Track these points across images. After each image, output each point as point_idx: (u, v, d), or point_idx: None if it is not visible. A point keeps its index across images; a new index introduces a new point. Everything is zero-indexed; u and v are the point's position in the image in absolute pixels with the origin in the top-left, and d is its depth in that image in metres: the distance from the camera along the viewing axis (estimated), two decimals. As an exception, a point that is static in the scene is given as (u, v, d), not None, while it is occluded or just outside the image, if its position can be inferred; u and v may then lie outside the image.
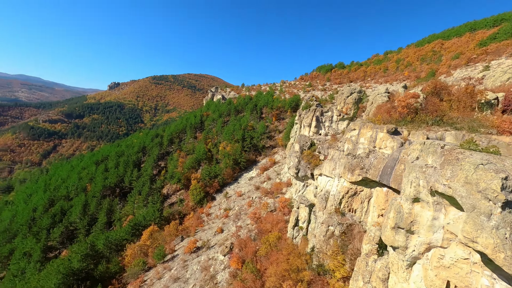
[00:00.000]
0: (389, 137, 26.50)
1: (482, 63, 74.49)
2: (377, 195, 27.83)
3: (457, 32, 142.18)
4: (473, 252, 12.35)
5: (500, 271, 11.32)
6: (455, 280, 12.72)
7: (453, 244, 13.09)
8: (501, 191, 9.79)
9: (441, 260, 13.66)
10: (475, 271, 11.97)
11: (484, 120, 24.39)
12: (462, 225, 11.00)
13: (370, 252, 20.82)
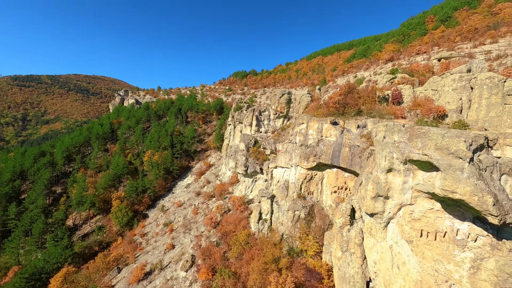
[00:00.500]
0: (332, 127, 30.80)
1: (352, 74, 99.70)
2: (328, 176, 31.74)
3: (330, 51, 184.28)
4: (435, 202, 16.22)
5: (455, 212, 15.44)
6: (426, 228, 16.31)
7: (419, 200, 16.75)
8: (467, 150, 13.44)
9: (412, 214, 17.16)
10: (439, 217, 15.79)
11: (384, 109, 32.52)
12: (440, 182, 14.27)
13: (343, 224, 23.47)
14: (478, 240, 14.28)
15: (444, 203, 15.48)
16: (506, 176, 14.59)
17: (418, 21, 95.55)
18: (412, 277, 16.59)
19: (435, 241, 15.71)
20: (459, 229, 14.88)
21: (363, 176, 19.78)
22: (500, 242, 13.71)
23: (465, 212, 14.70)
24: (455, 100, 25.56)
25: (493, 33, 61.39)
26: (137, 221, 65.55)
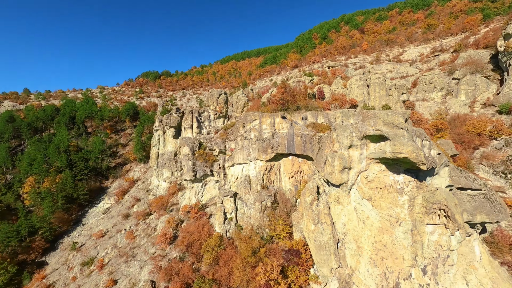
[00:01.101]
0: (283, 121, 33.77)
1: (267, 77, 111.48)
2: (284, 164, 34.54)
3: (241, 56, 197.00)
4: (381, 165, 21.49)
5: (394, 169, 21.11)
6: (378, 185, 21.37)
7: (371, 165, 21.70)
8: (405, 122, 18.66)
9: (367, 178, 21.97)
10: (385, 175, 21.14)
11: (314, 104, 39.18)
12: (390, 148, 19.07)
13: (312, 200, 26.49)
14: (409, 185, 20.47)
15: (386, 164, 20.98)
16: (418, 138, 21.66)
17: (307, 37, 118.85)
18: (375, 226, 21.40)
19: (386, 194, 21.03)
20: (398, 181, 20.69)
21: (328, 155, 23.25)
22: (421, 183, 20.32)
23: (399, 167, 20.61)
24: (360, 94, 34.68)
25: (354, 51, 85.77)
26: (28, 275, 45.45)
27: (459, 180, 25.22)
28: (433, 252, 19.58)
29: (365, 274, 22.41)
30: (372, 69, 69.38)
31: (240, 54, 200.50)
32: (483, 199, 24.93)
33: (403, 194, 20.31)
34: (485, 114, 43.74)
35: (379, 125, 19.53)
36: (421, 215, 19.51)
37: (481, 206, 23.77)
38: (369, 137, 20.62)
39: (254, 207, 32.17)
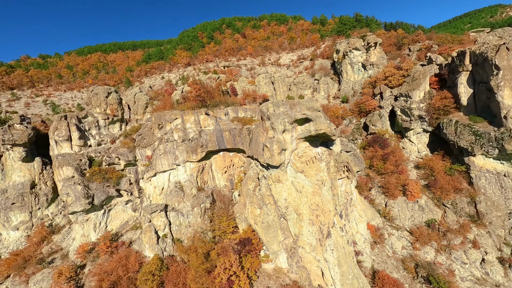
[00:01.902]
0: (208, 118, 33.11)
1: (157, 75, 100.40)
2: (216, 161, 34.09)
3: (111, 48, 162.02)
4: (306, 142, 27.08)
5: (314, 144, 27.29)
6: (306, 159, 26.81)
7: (300, 144, 26.77)
8: (320, 107, 24.40)
9: (298, 154, 26.94)
10: (310, 149, 26.87)
11: (231, 100, 41.43)
12: (314, 127, 24.34)
13: (255, 187, 28.47)
14: (325, 154, 27.51)
15: (309, 141, 26.87)
16: (321, 120, 29.22)
17: (193, 34, 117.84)
18: (309, 192, 26.89)
19: (312, 164, 26.95)
20: (318, 152, 27.19)
21: (266, 142, 26.04)
22: (330, 151, 27.90)
23: (317, 142, 27.15)
24: (269, 90, 40.62)
25: (241, 53, 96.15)
26: None
27: (343, 147, 36.64)
28: (344, 199, 27.88)
29: (307, 234, 27.75)
30: (260, 70, 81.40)
31: (108, 46, 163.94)
32: (353, 156, 37.83)
33: (322, 161, 27.03)
34: (336, 103, 64.93)
35: (304, 111, 24.68)
36: (334, 174, 27.07)
37: (355, 161, 36.10)
38: (297, 121, 25.42)
39: (193, 213, 29.56)
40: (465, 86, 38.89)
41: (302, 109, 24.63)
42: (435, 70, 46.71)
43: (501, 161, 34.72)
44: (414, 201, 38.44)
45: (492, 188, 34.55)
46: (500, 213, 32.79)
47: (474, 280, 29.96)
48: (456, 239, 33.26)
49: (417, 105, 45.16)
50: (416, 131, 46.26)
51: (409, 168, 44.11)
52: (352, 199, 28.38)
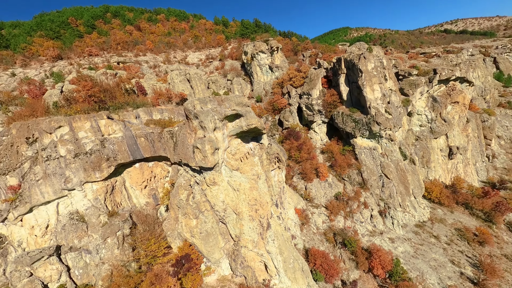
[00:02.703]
0: (112, 122, 27.45)
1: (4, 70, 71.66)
2: (130, 176, 28.70)
3: None
4: (238, 139, 27.75)
5: (246, 140, 28.39)
6: (240, 155, 27.51)
7: (232, 141, 27.09)
8: (248, 102, 25.30)
9: (231, 152, 27.21)
10: (242, 146, 27.75)
11: (141, 100, 36.23)
12: (245, 122, 25.15)
13: (188, 195, 26.20)
14: (257, 148, 29.34)
15: (241, 138, 27.83)
16: (248, 116, 30.86)
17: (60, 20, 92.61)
18: (246, 188, 27.78)
19: (246, 160, 28.04)
20: (250, 147, 28.61)
21: (197, 143, 24.65)
22: (261, 144, 30.02)
23: (248, 137, 28.53)
24: (185, 88, 38.25)
25: (140, 48, 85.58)
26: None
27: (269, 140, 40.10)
28: (278, 188, 30.88)
29: (249, 231, 28.64)
30: (167, 69, 75.67)
31: None
32: (277, 149, 42.32)
33: (255, 156, 28.76)
34: (251, 103, 70.38)
35: (233, 106, 25.26)
36: (268, 166, 29.49)
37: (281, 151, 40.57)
38: (227, 118, 25.68)
39: (106, 246, 23.34)
40: (344, 85, 52.42)
41: (231, 104, 25.19)
42: (323, 73, 60.13)
43: (371, 139, 49.33)
44: (324, 181, 47.94)
45: (368, 159, 48.52)
46: (375, 176, 46.66)
47: (368, 233, 41.21)
48: (354, 204, 44.44)
49: (316, 102, 56.48)
50: (318, 123, 57.73)
51: (317, 153, 54.47)
52: (284, 187, 31.99)
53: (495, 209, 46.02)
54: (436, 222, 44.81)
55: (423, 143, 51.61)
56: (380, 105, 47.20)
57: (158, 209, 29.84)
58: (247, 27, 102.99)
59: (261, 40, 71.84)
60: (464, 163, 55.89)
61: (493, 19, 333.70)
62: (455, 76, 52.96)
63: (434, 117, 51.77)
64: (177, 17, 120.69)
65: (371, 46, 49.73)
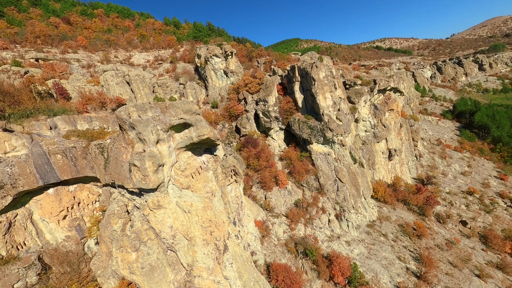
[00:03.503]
0: (11, 136, 20.41)
1: None
2: (41, 206, 21.80)
3: None
4: (188, 151, 23.91)
5: (198, 153, 24.70)
6: (191, 171, 23.69)
7: (181, 155, 23.10)
8: (199, 109, 21.91)
9: (180, 168, 23.20)
10: (194, 159, 24.00)
11: (61, 106, 28.95)
12: (195, 132, 21.53)
13: (124, 224, 20.98)
14: (210, 161, 25.92)
15: (192, 150, 24.11)
16: (200, 125, 27.28)
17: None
18: (199, 208, 24.05)
19: (199, 175, 24.37)
20: (203, 161, 25.06)
21: (134, 159, 19.97)
22: (215, 156, 26.72)
23: (200, 149, 24.96)
24: (124, 92, 32.21)
25: (68, 44, 72.50)
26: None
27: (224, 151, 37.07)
28: (235, 204, 27.97)
29: (203, 258, 24.87)
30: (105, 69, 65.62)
31: None
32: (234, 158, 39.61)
33: (209, 170, 25.37)
34: (207, 109, 66.17)
35: (181, 114, 21.50)
36: (223, 181, 26.37)
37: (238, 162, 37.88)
38: (174, 128, 21.74)
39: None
40: (299, 93, 53.37)
41: (178, 112, 21.44)
42: (278, 80, 60.48)
43: (325, 145, 51.01)
44: (284, 188, 47.19)
45: (324, 164, 49.94)
46: (330, 181, 48.14)
47: (327, 239, 41.72)
48: (313, 210, 44.73)
49: (272, 108, 56.09)
50: (275, 129, 57.34)
51: (276, 161, 53.73)
52: (242, 202, 29.30)
53: (426, 203, 52.55)
54: (383, 220, 48.51)
55: (368, 147, 56.06)
56: (332, 112, 49.34)
57: (85, 243, 23.47)
58: (200, 30, 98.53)
59: (214, 44, 68.83)
60: (400, 163, 63.05)
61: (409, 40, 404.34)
62: (390, 86, 59.59)
63: (376, 123, 56.93)
64: (119, 14, 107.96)
65: (321, 56, 51.98)
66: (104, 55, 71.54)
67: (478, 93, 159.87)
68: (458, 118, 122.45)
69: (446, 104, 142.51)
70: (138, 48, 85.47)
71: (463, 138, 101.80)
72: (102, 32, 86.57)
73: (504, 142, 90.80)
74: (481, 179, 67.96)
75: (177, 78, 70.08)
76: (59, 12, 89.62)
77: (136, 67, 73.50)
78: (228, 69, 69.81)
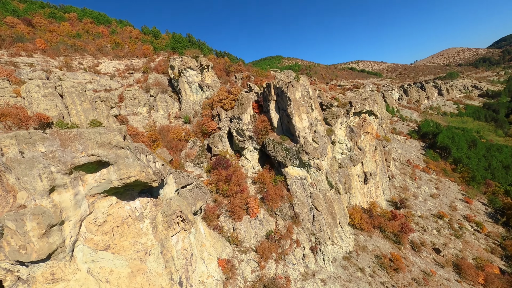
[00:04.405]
0: None
1: None
2: None
3: None
4: (111, 197, 16.64)
5: (128, 197, 17.52)
6: (115, 224, 16.38)
7: (98, 203, 15.78)
8: (124, 140, 15.04)
9: (97, 221, 15.81)
10: (120, 207, 16.75)
11: None
12: (116, 174, 14.54)
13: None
14: (147, 207, 18.76)
15: (117, 194, 16.91)
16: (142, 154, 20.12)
17: None
18: (123, 275, 16.59)
19: (126, 229, 17.08)
20: (135, 207, 17.88)
21: (6, 219, 12.44)
22: (157, 200, 19.62)
23: (133, 192, 17.82)
24: (52, 107, 24.32)
25: (23, 46, 61.96)
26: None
27: (180, 181, 29.94)
28: (182, 260, 20.79)
29: None
30: (64, 77, 56.22)
31: None
32: (196, 188, 32.60)
33: (144, 220, 18.18)
34: (178, 124, 58.63)
35: (93, 149, 14.48)
36: (165, 232, 19.24)
37: (197, 195, 30.89)
38: (82, 168, 14.60)
39: None
40: (274, 112, 48.17)
41: (88, 146, 14.41)
42: (255, 97, 55.15)
43: (301, 168, 45.69)
44: (255, 218, 40.53)
45: (299, 190, 44.36)
46: (306, 209, 42.48)
47: (301, 277, 35.37)
48: (287, 243, 38.39)
49: (247, 127, 50.17)
50: (249, 149, 51.22)
51: (248, 184, 47.20)
52: (193, 254, 22.20)
53: (401, 231, 48.69)
54: (360, 251, 43.43)
55: (345, 170, 51.80)
56: (308, 134, 44.51)
57: None
58: (178, 40, 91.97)
59: (190, 56, 62.49)
60: (375, 186, 59.62)
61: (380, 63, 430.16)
62: (365, 109, 56.79)
63: (352, 146, 53.19)
64: (94, 19, 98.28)
65: (298, 75, 47.70)
66: (65, 61, 61.88)
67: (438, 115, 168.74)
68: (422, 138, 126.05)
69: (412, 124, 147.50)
70: (109, 56, 76.47)
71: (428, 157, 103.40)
72: (69, 37, 76.59)
73: (464, 163, 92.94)
74: (449, 201, 66.73)
75: (148, 89, 62.23)
76: (21, 13, 78.39)
77: (103, 75, 64.57)
78: (204, 83, 63.45)
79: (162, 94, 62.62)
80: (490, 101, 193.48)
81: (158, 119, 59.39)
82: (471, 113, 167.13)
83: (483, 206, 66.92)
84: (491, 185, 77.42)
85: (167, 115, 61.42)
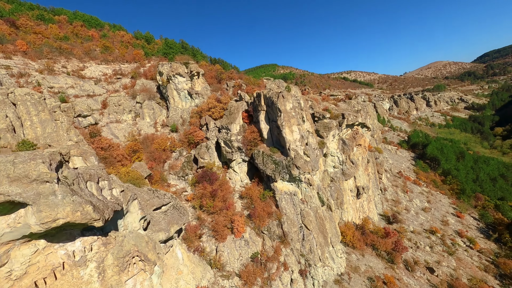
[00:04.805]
0: None
1: None
2: None
3: None
4: (36, 241, 12.60)
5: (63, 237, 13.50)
6: (39, 276, 12.29)
7: (14, 252, 11.72)
8: (51, 171, 11.22)
9: (11, 276, 11.70)
10: (50, 252, 12.72)
11: None
12: (35, 217, 10.63)
13: None
14: (94, 247, 14.76)
15: (47, 237, 12.88)
16: (90, 182, 16.19)
17: None
18: None
19: (58, 279, 13.02)
20: (74, 250, 13.86)
21: None
22: (108, 237, 15.63)
23: (72, 230, 13.84)
24: (2, 117, 20.26)
25: (2, 48, 57.34)
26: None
27: (153, 202, 25.84)
28: (142, 305, 16.69)
29: None
30: (43, 81, 51.81)
31: None
32: (173, 210, 28.50)
33: (87, 264, 14.14)
34: (164, 133, 54.57)
35: (1, 185, 10.60)
36: (116, 277, 15.18)
37: (173, 218, 26.79)
38: (-14, 210, 10.62)
39: None
40: (264, 123, 44.84)
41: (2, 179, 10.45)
42: (245, 107, 51.83)
43: (291, 183, 42.20)
44: (240, 237, 36.54)
45: (289, 207, 40.74)
46: (295, 228, 38.77)
47: (289, 307, 31.41)
48: (273, 267, 34.45)
49: (235, 138, 46.56)
50: (237, 161, 47.50)
51: (235, 199, 43.31)
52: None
53: (395, 249, 45.43)
54: (352, 272, 39.79)
55: (337, 185, 48.54)
56: (299, 147, 41.20)
57: None
58: (171, 46, 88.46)
59: (180, 62, 58.99)
60: (368, 200, 56.53)
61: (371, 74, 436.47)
62: (358, 121, 54.14)
63: (344, 159, 50.16)
64: (85, 23, 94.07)
65: (289, 85, 44.66)
66: (47, 64, 57.39)
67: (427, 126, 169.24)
68: (412, 149, 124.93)
69: (402, 134, 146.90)
70: (97, 60, 72.18)
71: (418, 168, 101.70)
72: (55, 39, 72.15)
73: (453, 175, 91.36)
74: (441, 216, 64.15)
75: (135, 95, 58.21)
76: (6, 13, 73.71)
77: (87, 80, 60.26)
78: (193, 90, 59.86)
79: (149, 101, 58.66)
80: (475, 114, 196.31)
81: (143, 127, 55.20)
82: (458, 125, 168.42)
83: (475, 221, 64.59)
84: (480, 199, 75.55)
85: (153, 123, 57.33)
